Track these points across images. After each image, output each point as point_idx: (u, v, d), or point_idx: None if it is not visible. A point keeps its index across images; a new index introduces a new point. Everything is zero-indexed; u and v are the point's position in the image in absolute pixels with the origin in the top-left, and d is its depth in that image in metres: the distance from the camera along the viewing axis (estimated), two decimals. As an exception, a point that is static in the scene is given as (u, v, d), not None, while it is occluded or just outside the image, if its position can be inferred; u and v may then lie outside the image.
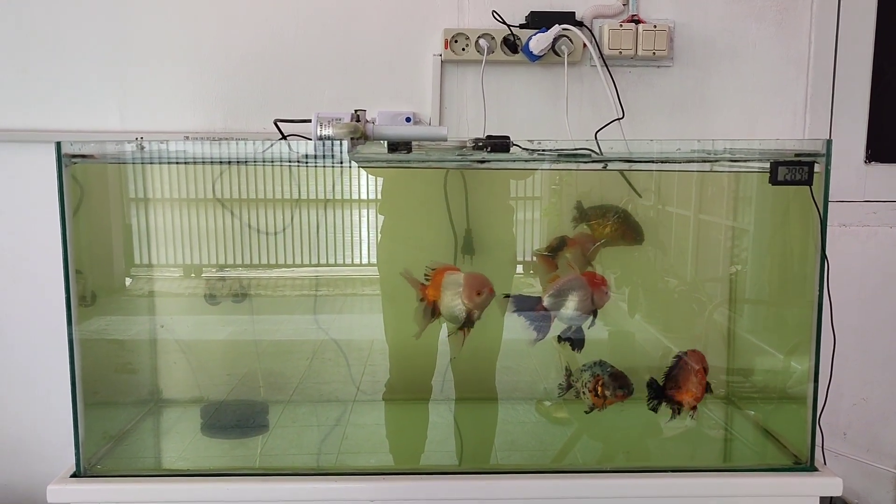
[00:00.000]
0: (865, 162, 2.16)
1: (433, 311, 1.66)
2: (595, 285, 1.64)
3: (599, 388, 1.63)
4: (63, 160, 1.48)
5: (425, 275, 1.65)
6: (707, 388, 1.63)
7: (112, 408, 1.83)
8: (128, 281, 1.92)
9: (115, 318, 1.85)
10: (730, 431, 1.89)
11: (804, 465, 1.60)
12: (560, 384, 1.71)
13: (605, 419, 1.91)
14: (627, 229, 1.78)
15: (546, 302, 1.65)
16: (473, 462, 1.82)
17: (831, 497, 2.05)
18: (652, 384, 1.63)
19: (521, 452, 1.82)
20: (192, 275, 1.95)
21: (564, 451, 1.82)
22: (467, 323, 1.65)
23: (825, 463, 1.66)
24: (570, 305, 1.63)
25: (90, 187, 1.65)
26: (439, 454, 1.85)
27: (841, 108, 2.13)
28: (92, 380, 1.59)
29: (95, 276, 1.73)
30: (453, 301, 1.62)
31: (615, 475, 1.58)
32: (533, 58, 2.02)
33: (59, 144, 1.48)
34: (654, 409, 1.64)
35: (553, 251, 1.77)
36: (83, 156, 1.54)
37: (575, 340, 1.66)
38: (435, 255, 1.95)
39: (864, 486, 2.25)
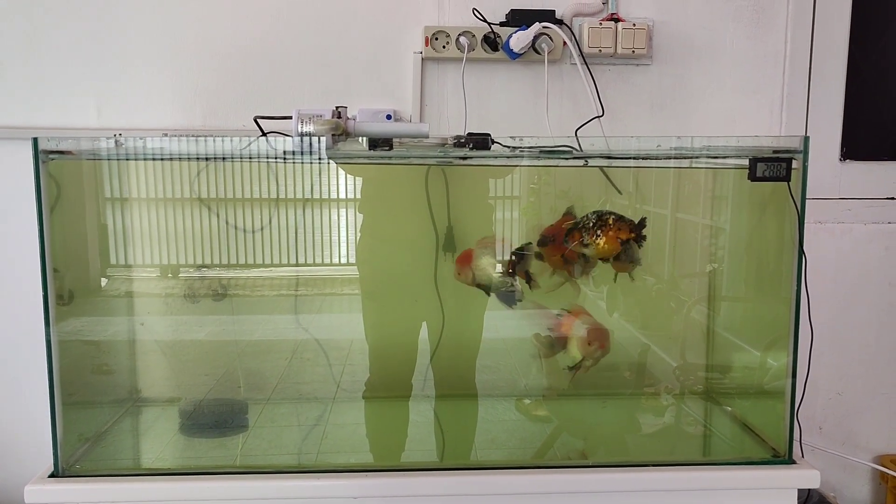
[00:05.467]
0: (840, 160, 2.19)
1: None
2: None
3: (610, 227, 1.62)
4: (40, 156, 1.46)
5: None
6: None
7: (90, 408, 1.80)
8: (103, 281, 1.90)
9: (92, 318, 1.82)
10: (709, 427, 1.91)
11: (782, 458, 1.62)
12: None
13: (585, 416, 1.92)
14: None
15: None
16: (454, 460, 1.82)
17: (808, 490, 2.09)
18: None
19: (502, 450, 1.82)
20: (170, 275, 1.93)
21: (545, 448, 1.83)
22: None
23: (803, 456, 1.67)
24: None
25: (67, 184, 1.63)
26: (420, 452, 1.85)
27: (816, 107, 2.16)
28: (70, 380, 1.57)
29: (73, 274, 1.70)
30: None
31: (596, 470, 1.58)
32: (513, 55, 2.03)
33: (35, 140, 1.46)
34: None
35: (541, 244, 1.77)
36: (60, 152, 1.52)
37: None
38: (416, 253, 1.95)
39: (840, 480, 2.28)
